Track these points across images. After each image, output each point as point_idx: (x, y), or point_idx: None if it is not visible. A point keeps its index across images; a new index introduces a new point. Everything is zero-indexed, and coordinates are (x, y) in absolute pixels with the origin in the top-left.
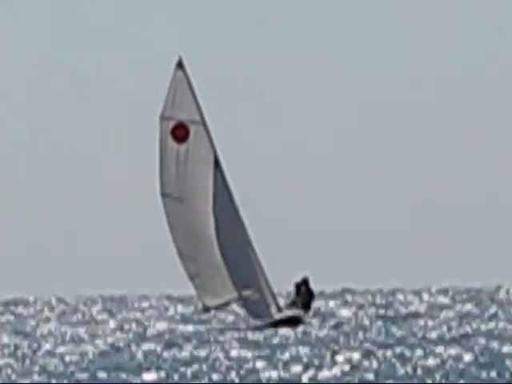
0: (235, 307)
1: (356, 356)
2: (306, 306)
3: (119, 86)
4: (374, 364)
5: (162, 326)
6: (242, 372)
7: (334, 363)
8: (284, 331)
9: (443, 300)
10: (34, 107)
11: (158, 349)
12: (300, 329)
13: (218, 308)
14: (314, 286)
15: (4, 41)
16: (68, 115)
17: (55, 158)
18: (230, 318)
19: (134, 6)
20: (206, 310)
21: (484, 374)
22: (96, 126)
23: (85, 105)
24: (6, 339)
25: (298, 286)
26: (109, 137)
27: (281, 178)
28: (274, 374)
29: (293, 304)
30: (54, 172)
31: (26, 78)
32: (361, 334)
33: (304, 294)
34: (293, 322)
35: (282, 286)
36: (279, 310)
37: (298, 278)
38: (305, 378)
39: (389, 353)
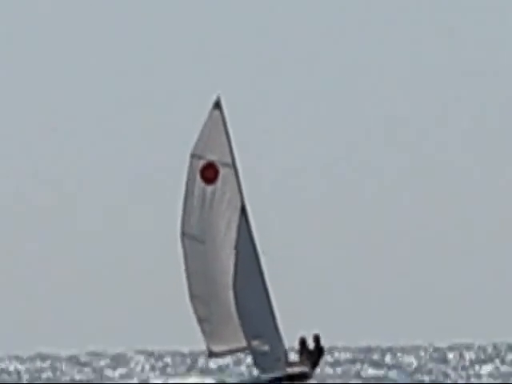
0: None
1: None
2: (315, 364)
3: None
4: None
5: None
6: None
7: None
8: None
9: None
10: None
11: None
12: None
13: (224, 354)
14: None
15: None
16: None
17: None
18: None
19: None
20: (211, 355)
21: None
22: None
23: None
24: None
25: (303, 342)
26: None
27: (309, 230)
28: None
29: (292, 364)
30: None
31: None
32: None
33: (315, 351)
34: (300, 378)
35: (294, 341)
36: (288, 365)
37: (308, 334)
38: None
39: None
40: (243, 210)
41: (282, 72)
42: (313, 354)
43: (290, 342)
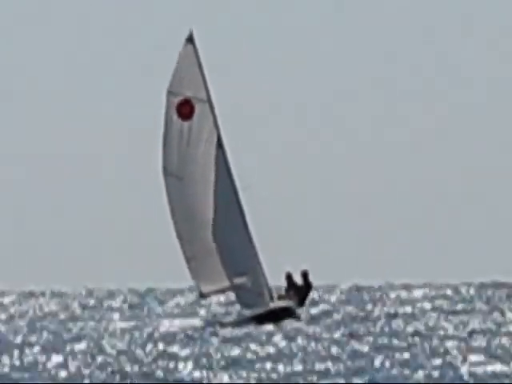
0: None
1: None
2: (302, 300)
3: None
4: None
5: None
6: None
7: None
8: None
9: None
10: None
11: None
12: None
13: (214, 294)
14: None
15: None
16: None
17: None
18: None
19: None
20: (202, 296)
21: None
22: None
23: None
24: None
25: (289, 277)
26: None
27: (288, 166)
28: None
29: (281, 298)
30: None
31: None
32: None
33: (302, 287)
34: (284, 314)
35: (279, 279)
36: (272, 300)
37: (295, 270)
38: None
39: None
40: (220, 144)
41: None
42: (300, 289)
43: (277, 281)
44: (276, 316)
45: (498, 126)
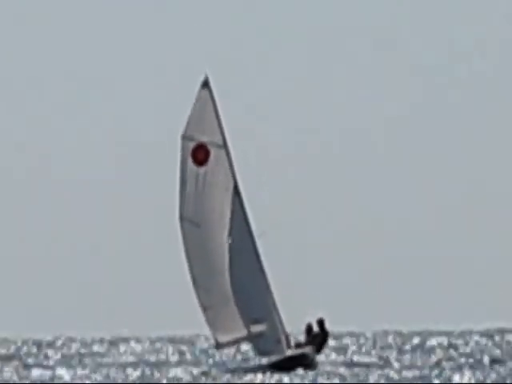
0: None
1: None
2: (319, 349)
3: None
4: None
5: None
6: None
7: None
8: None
9: None
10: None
11: None
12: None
13: (231, 344)
14: (330, 327)
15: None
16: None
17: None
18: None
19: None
20: (219, 346)
21: None
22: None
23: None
24: None
25: (309, 329)
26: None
27: (305, 211)
28: None
29: (299, 346)
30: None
31: None
32: None
33: (318, 336)
34: (302, 361)
35: (296, 326)
36: (289, 347)
37: (312, 318)
38: None
39: None
40: (236, 190)
41: (272, 50)
42: (316, 337)
43: (294, 328)
44: (293, 363)
45: None
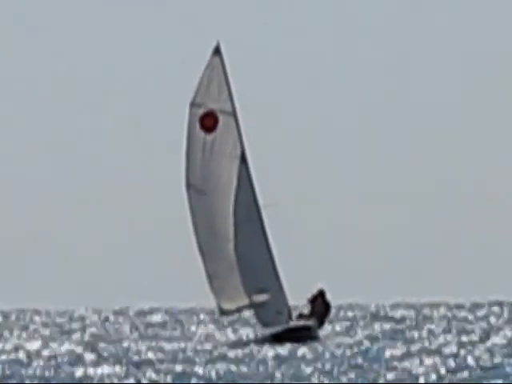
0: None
1: None
2: (321, 321)
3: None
4: None
5: None
6: None
7: None
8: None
9: None
10: None
11: None
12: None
13: (235, 312)
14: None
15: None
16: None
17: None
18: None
19: None
20: (223, 313)
21: None
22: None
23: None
24: None
25: (313, 300)
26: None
27: (313, 184)
28: None
29: (300, 317)
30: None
31: None
32: None
33: (319, 307)
34: (303, 333)
35: (298, 298)
36: (290, 318)
37: (314, 290)
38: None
39: None
40: (243, 158)
41: (284, 18)
42: (320, 309)
43: (296, 300)
44: (295, 335)
45: None
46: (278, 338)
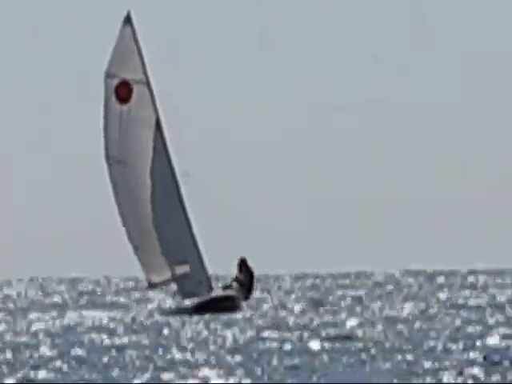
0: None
1: None
2: (249, 289)
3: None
4: None
5: None
6: None
7: None
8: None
9: None
10: None
11: None
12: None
13: (162, 285)
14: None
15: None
16: None
17: None
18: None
19: None
20: (151, 286)
21: None
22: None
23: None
24: None
25: (241, 265)
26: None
27: (227, 149)
28: None
29: (228, 287)
30: None
31: None
32: None
33: (243, 276)
34: (227, 303)
35: (216, 269)
36: (211, 289)
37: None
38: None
39: None
40: (158, 125)
41: None
42: (243, 280)
43: (219, 271)
44: (217, 305)
45: None
46: (201, 309)
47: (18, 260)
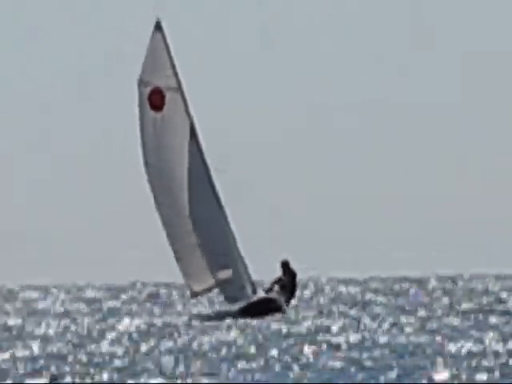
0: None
1: None
2: (291, 292)
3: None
4: None
5: None
6: None
7: None
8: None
9: None
10: None
11: None
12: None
13: (205, 293)
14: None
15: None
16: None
17: None
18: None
19: None
20: (194, 295)
21: None
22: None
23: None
24: None
25: (284, 266)
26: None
27: (264, 152)
28: None
29: (269, 290)
30: None
31: None
32: None
33: (286, 277)
34: (269, 305)
35: (258, 274)
36: (255, 293)
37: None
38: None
39: None
40: (192, 130)
41: None
42: (285, 281)
43: (262, 276)
44: (260, 308)
45: None
46: (244, 313)
47: (18, 260)
